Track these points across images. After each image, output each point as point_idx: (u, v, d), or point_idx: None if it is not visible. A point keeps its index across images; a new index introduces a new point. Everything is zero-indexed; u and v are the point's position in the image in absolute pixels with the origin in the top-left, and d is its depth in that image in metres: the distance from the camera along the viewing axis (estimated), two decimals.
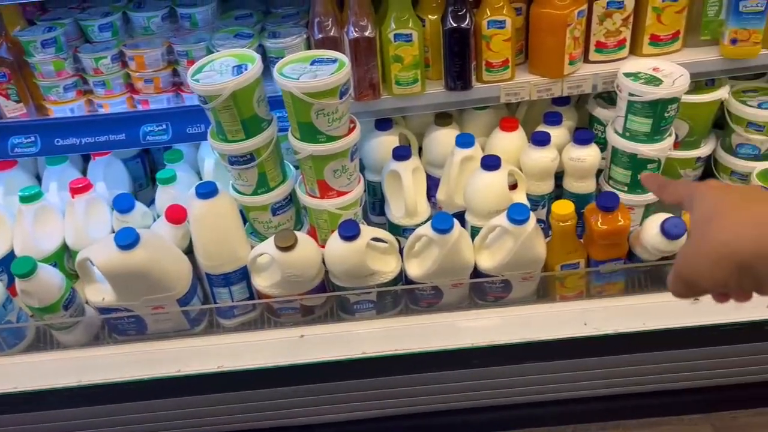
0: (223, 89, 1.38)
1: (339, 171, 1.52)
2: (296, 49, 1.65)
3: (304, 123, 1.44)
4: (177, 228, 1.62)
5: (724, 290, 0.64)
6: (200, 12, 1.73)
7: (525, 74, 1.74)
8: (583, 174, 1.72)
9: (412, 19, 1.61)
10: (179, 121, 1.68)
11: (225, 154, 1.52)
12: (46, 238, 1.65)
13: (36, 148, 1.66)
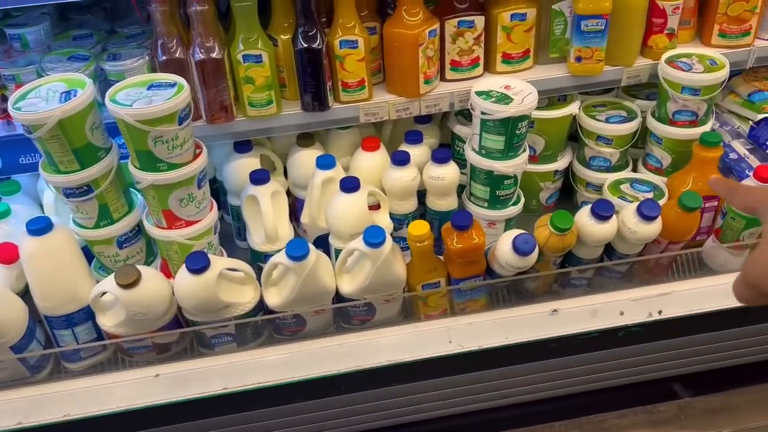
0: (48, 118, 1.28)
1: (185, 200, 1.44)
2: (138, 72, 1.56)
3: (143, 151, 1.35)
4: (9, 268, 1.48)
5: None
6: (32, 32, 1.60)
7: (384, 93, 1.73)
8: (443, 191, 1.73)
9: (261, 39, 1.56)
10: (10, 151, 1.54)
11: (59, 186, 1.40)
12: None
13: None
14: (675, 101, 1.71)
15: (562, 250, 1.54)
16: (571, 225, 1.50)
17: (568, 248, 1.54)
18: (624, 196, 1.74)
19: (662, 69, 1.71)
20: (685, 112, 1.72)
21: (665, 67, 1.69)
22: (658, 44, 1.75)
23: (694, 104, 1.70)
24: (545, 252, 1.53)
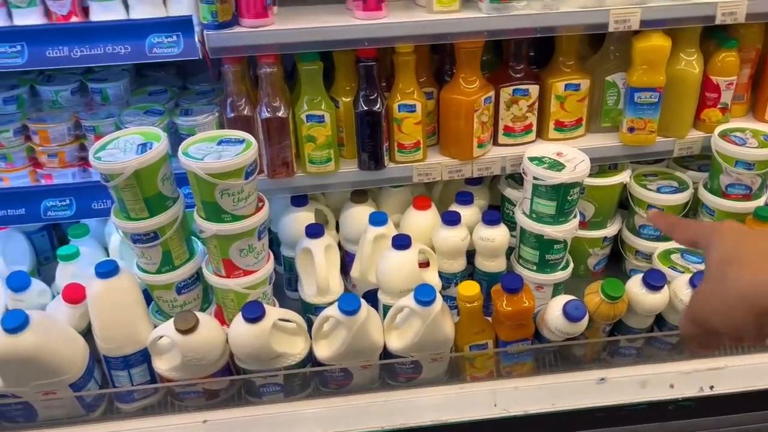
0: (125, 168, 1.36)
1: (245, 250, 1.50)
2: (208, 127, 1.65)
3: (209, 202, 1.42)
4: (75, 308, 1.55)
5: (739, 334, 0.65)
6: (112, 87, 1.72)
7: (437, 155, 1.78)
8: (493, 253, 1.75)
9: (324, 101, 1.64)
10: (84, 197, 1.63)
11: (127, 232, 1.48)
12: None
13: None
14: (728, 174, 1.72)
15: (612, 318, 1.54)
16: (622, 293, 1.50)
17: (618, 317, 1.54)
18: (675, 266, 1.73)
19: (715, 142, 1.72)
20: (738, 186, 1.73)
21: (719, 140, 1.71)
22: (711, 118, 1.77)
23: (747, 178, 1.71)
24: (595, 319, 1.53)
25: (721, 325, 0.65)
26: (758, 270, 0.62)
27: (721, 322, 0.65)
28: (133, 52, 1.44)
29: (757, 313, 0.61)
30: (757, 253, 0.65)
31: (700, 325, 0.68)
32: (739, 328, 0.64)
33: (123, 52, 1.44)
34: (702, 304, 0.67)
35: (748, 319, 0.62)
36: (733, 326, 0.64)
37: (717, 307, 0.64)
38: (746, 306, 0.62)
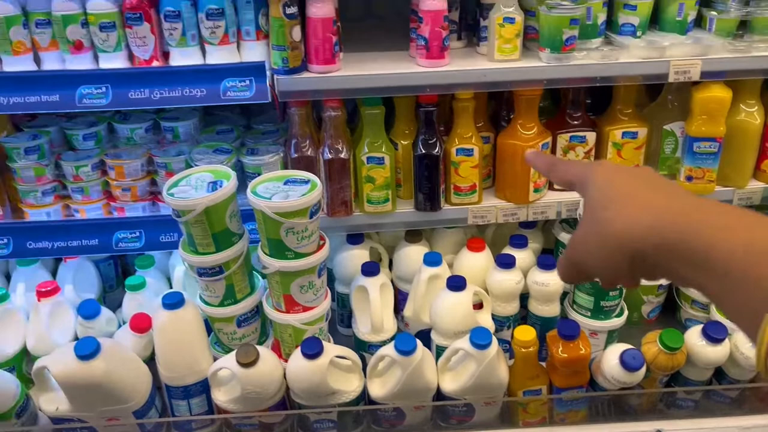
0: (197, 205, 1.43)
1: (306, 287, 1.54)
2: (273, 166, 1.71)
3: (274, 239, 1.47)
4: (141, 337, 1.61)
5: (614, 277, 0.62)
6: (183, 126, 1.81)
7: (492, 198, 1.81)
8: (547, 298, 1.75)
9: (385, 143, 1.69)
10: (153, 230, 1.71)
11: (194, 265, 1.54)
12: (6, 341, 1.63)
13: (8, 251, 1.67)
14: None
15: (670, 370, 1.52)
16: (681, 344, 1.48)
17: (677, 368, 1.52)
18: None
19: None
20: None
21: None
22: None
23: None
24: (653, 369, 1.52)
25: (595, 269, 0.63)
26: (629, 212, 0.59)
27: (596, 265, 0.62)
28: (209, 95, 1.52)
29: (629, 256, 0.58)
30: (629, 193, 0.61)
31: (575, 269, 0.66)
32: (613, 271, 0.61)
33: (199, 94, 1.52)
34: (577, 246, 0.64)
35: (621, 263, 0.59)
36: (607, 270, 0.61)
37: (591, 251, 0.62)
38: (618, 249, 0.58)
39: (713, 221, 0.54)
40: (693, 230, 0.53)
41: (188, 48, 1.54)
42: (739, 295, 0.50)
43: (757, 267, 0.49)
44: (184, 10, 1.50)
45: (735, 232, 0.52)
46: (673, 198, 0.59)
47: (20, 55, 1.52)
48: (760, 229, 0.52)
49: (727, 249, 0.51)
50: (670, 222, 0.55)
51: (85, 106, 1.50)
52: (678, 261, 0.54)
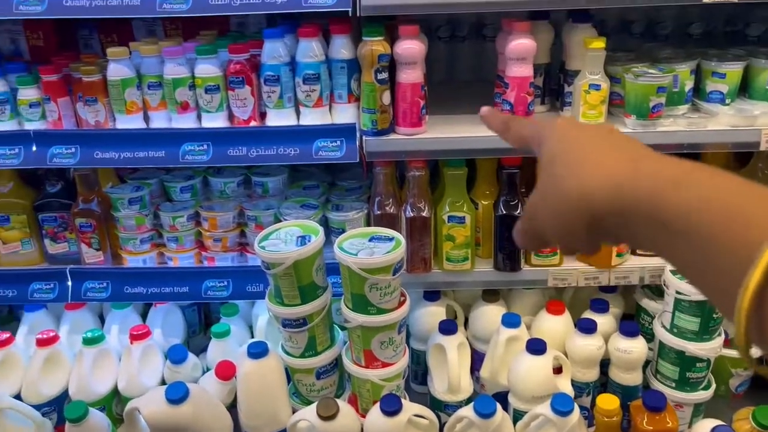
0: (286, 258, 1.49)
1: (386, 343, 1.56)
2: (356, 223, 1.77)
3: (358, 294, 1.51)
4: (225, 384, 1.66)
5: (572, 241, 0.57)
6: (272, 181, 1.90)
7: (573, 261, 1.80)
8: (629, 365, 1.71)
9: (466, 203, 1.72)
10: (241, 279, 1.78)
11: (279, 316, 1.59)
12: (100, 381, 1.71)
13: (106, 294, 1.78)
14: None
15: None
16: None
17: None
18: None
19: None
20: None
21: None
22: None
23: None
24: None
25: (552, 233, 0.57)
26: (585, 171, 0.53)
27: (552, 229, 0.57)
28: (301, 154, 1.60)
29: (586, 218, 0.53)
30: (585, 151, 0.55)
31: (532, 233, 0.61)
32: (570, 235, 0.56)
33: (293, 153, 1.60)
34: (534, 211, 0.59)
35: (578, 226, 0.54)
36: (564, 234, 0.56)
37: (547, 213, 0.57)
38: (574, 211, 0.53)
39: (667, 176, 0.48)
40: (647, 189, 0.48)
41: (284, 109, 1.64)
42: (700, 258, 0.45)
43: (715, 226, 0.44)
44: (282, 75, 1.60)
45: (689, 189, 0.47)
46: (633, 156, 0.54)
47: (132, 114, 1.65)
48: (717, 184, 0.46)
49: (681, 208, 0.46)
50: (627, 181, 0.50)
51: (188, 162, 1.61)
52: (635, 223, 0.49)
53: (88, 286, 1.78)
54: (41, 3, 1.49)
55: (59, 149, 1.62)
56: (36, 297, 1.79)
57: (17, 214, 1.81)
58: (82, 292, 1.78)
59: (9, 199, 1.81)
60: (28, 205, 1.81)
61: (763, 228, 0.40)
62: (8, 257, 1.85)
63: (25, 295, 1.79)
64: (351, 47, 1.61)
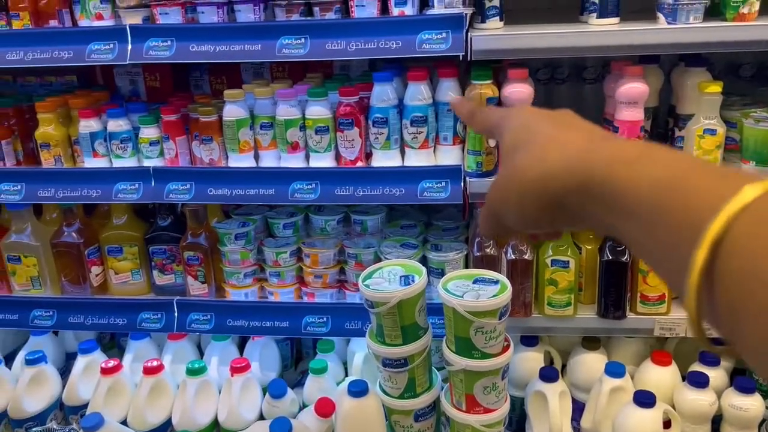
0: (392, 298, 1.49)
1: (489, 388, 1.53)
2: (456, 263, 1.76)
3: (462, 338, 1.50)
4: (323, 421, 1.66)
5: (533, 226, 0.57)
6: (371, 219, 1.92)
7: (680, 310, 1.73)
8: (745, 424, 1.61)
9: (570, 247, 1.69)
10: (339, 316, 1.80)
11: (380, 355, 1.59)
12: (201, 412, 1.75)
13: (209, 326, 1.83)
14: None
15: None
16: None
17: None
18: None
19: None
20: None
21: None
22: None
23: None
24: None
25: (513, 219, 0.56)
26: (543, 155, 0.53)
27: (513, 214, 0.56)
28: (407, 195, 1.62)
29: (545, 201, 0.52)
30: (543, 136, 0.55)
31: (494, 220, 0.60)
32: (531, 220, 0.55)
33: (398, 194, 1.62)
34: (495, 197, 0.58)
35: (538, 210, 0.53)
36: (525, 218, 0.55)
37: (507, 198, 0.56)
38: (533, 194, 0.53)
39: (621, 155, 0.48)
40: (601, 167, 0.48)
41: (390, 151, 1.67)
42: (650, 238, 0.44)
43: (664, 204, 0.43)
44: (391, 117, 1.63)
45: (642, 167, 0.46)
46: (590, 137, 0.54)
47: (244, 153, 1.72)
48: (670, 163, 0.45)
49: (632, 185, 0.45)
50: (586, 161, 0.50)
51: (297, 200, 1.65)
52: (592, 204, 0.49)
53: (193, 317, 1.84)
54: (169, 48, 1.58)
55: (176, 185, 1.70)
56: (144, 326, 1.86)
57: (129, 246, 1.90)
58: (187, 323, 1.84)
59: (123, 231, 1.90)
60: (139, 237, 1.90)
61: (710, 205, 0.39)
62: (118, 287, 1.94)
63: (134, 324, 1.86)
64: (458, 90, 1.63)
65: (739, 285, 0.36)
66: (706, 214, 0.38)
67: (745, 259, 0.36)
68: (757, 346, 0.35)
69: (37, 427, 1.79)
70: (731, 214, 0.37)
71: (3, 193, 1.76)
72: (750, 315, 0.35)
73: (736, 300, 0.36)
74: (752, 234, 0.36)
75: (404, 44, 1.50)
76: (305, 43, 1.54)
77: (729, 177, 0.40)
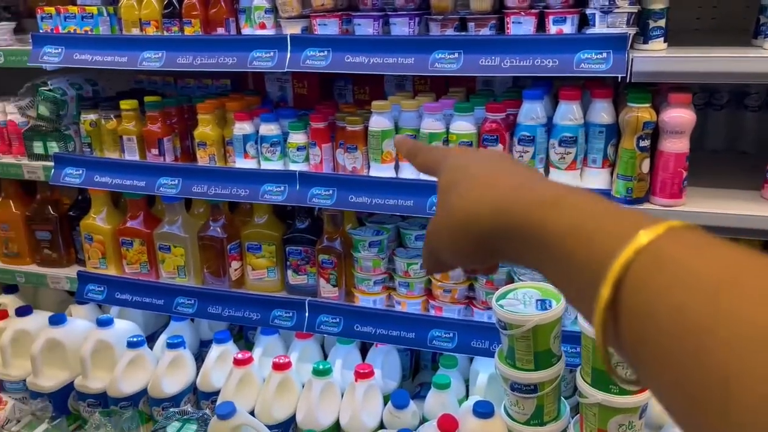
0: (527, 321, 1.45)
1: (625, 426, 1.46)
2: None
3: (599, 370, 1.43)
4: None
5: (467, 262, 0.60)
6: None
7: None
8: None
9: None
10: (466, 333, 1.78)
11: (509, 379, 1.55)
12: (324, 413, 1.79)
13: (337, 329, 1.87)
14: None
15: None
16: None
17: None
18: None
19: None
20: None
21: None
22: None
23: None
24: None
25: (448, 256, 0.60)
26: (472, 195, 0.56)
27: (448, 252, 0.59)
28: None
29: (475, 239, 0.55)
30: (474, 176, 0.58)
31: (432, 257, 0.63)
32: (465, 256, 0.58)
33: None
34: (432, 235, 0.62)
35: (469, 247, 0.56)
36: (459, 255, 0.58)
37: (442, 237, 0.59)
38: (464, 233, 0.56)
39: (539, 201, 0.50)
40: (526, 211, 0.51)
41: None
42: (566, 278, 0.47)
43: (577, 248, 0.45)
44: (538, 136, 1.60)
45: (560, 212, 0.48)
46: (517, 180, 0.55)
47: (386, 164, 1.74)
48: (584, 208, 0.47)
49: (549, 230, 0.48)
50: (510, 203, 0.52)
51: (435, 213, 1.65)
52: (515, 245, 0.52)
53: (323, 319, 1.89)
54: (325, 59, 1.64)
55: (319, 190, 1.76)
56: (276, 323, 1.94)
57: (268, 245, 1.98)
58: (317, 324, 1.89)
59: (263, 230, 1.99)
60: (278, 237, 1.98)
61: (609, 250, 0.42)
62: (254, 282, 2.03)
63: (267, 320, 1.94)
64: (612, 112, 1.57)
65: (636, 324, 0.39)
66: (606, 259, 0.41)
67: (640, 301, 0.39)
68: (653, 379, 0.39)
69: (173, 408, 1.91)
70: (626, 259, 0.40)
71: (162, 187, 1.90)
72: (647, 351, 0.38)
73: (636, 338, 0.39)
74: (645, 278, 0.39)
75: (561, 63, 1.46)
76: (458, 58, 1.54)
77: (629, 221, 0.43)
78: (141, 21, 1.86)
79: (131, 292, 2.07)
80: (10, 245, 2.26)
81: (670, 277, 0.38)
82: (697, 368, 0.34)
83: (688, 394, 0.35)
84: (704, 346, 0.34)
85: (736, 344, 0.33)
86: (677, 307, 0.36)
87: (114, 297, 2.09)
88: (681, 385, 0.35)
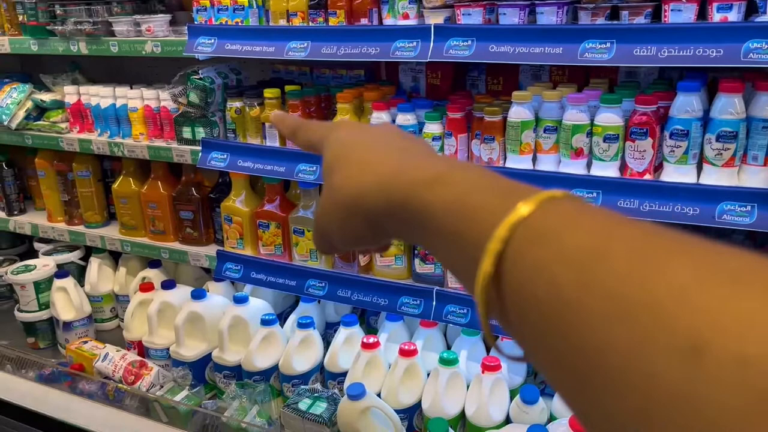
0: None
1: None
2: None
3: None
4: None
5: (357, 242, 0.56)
6: None
7: None
8: None
9: None
10: None
11: None
12: (449, 402, 1.80)
13: (465, 320, 1.87)
14: None
15: None
16: None
17: None
18: None
19: None
20: None
21: None
22: None
23: None
24: None
25: (337, 236, 0.56)
26: (355, 173, 0.53)
27: (336, 232, 0.56)
28: (702, 215, 1.49)
29: (362, 219, 0.53)
30: (359, 153, 0.55)
31: (322, 238, 0.59)
32: (354, 236, 0.55)
33: (691, 213, 1.50)
34: (320, 217, 0.58)
35: (357, 227, 0.54)
36: (347, 235, 0.55)
37: (329, 217, 0.56)
38: (350, 213, 0.53)
39: (421, 178, 0.48)
40: (404, 191, 0.48)
41: (686, 166, 1.55)
42: (448, 254, 0.45)
43: (459, 224, 0.43)
44: (692, 130, 1.52)
45: (443, 188, 0.46)
46: (404, 158, 0.52)
47: (524, 155, 1.72)
48: (467, 181, 0.45)
49: (430, 206, 0.46)
50: (390, 180, 0.50)
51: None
52: (401, 223, 0.50)
53: (450, 309, 1.89)
54: (469, 48, 1.64)
55: None
56: (403, 310, 1.97)
57: None
58: (444, 313, 1.90)
59: None
60: None
61: (489, 224, 0.40)
62: (381, 269, 2.07)
63: (395, 306, 1.97)
64: None
65: (518, 299, 0.37)
66: (487, 233, 0.40)
67: (519, 275, 0.37)
68: (534, 355, 0.37)
69: (302, 385, 1.99)
70: (505, 232, 0.38)
71: (301, 173, 1.97)
72: (527, 327, 0.37)
73: (518, 314, 0.38)
74: (523, 251, 0.37)
75: (726, 53, 1.38)
76: (611, 47, 1.49)
77: (514, 194, 0.41)
78: (288, 12, 1.93)
79: (266, 273, 2.17)
80: (157, 223, 2.43)
81: (545, 249, 0.36)
82: (568, 346, 0.33)
83: (565, 373, 0.34)
84: (573, 322, 0.33)
85: (599, 319, 0.32)
86: (551, 281, 0.35)
87: (250, 276, 2.20)
88: (558, 363, 0.34)
